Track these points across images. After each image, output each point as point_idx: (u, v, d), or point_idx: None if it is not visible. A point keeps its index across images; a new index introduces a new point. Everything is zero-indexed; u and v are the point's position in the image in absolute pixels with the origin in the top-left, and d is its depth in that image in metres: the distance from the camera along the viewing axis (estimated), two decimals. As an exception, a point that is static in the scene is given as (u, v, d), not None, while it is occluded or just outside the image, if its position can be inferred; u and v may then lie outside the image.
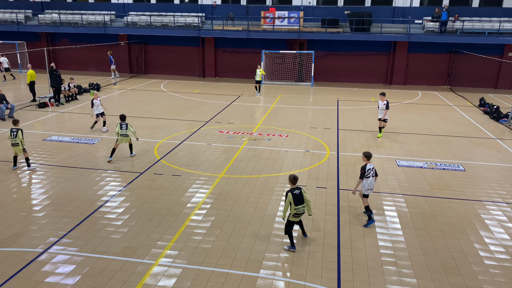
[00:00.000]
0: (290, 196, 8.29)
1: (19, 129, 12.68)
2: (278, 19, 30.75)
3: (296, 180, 8.46)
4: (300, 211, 8.40)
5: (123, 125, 13.73)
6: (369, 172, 9.66)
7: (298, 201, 8.32)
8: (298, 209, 8.35)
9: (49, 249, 8.51)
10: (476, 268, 8.20)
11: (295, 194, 8.31)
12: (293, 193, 8.31)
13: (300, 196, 8.36)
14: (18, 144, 12.58)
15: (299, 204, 8.34)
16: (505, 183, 12.56)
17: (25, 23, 34.52)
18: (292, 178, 8.44)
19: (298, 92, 27.82)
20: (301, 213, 8.46)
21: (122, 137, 13.71)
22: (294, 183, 8.45)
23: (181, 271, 7.87)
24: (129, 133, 13.77)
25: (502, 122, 20.17)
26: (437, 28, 29.47)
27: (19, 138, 12.53)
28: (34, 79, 22.76)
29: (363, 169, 9.68)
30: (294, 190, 8.35)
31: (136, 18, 33.28)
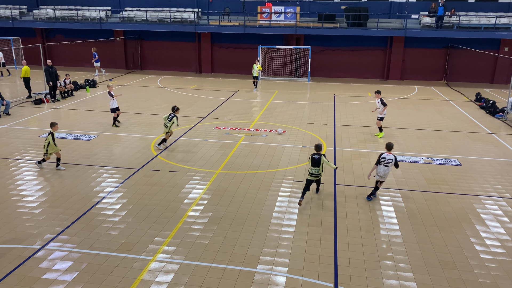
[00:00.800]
0: (310, 157, 10.39)
1: (50, 132, 12.36)
2: (275, 14, 30.67)
3: (318, 147, 10.33)
4: (314, 171, 10.30)
5: (170, 115, 14.39)
6: (384, 160, 10.43)
7: (314, 163, 10.25)
8: (313, 169, 10.29)
9: (46, 246, 8.50)
10: (472, 262, 8.25)
11: (314, 158, 10.26)
12: (313, 156, 10.31)
13: (318, 161, 10.21)
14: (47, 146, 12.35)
15: (314, 167, 10.26)
16: (501, 177, 12.62)
17: (20, 19, 34.27)
18: (315, 146, 10.41)
19: (295, 87, 27.81)
20: (315, 173, 10.32)
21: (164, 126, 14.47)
22: (317, 150, 10.33)
23: (178, 267, 7.88)
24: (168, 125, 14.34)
25: (498, 117, 20.24)
26: (434, 23, 29.48)
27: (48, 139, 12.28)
28: (28, 75, 22.63)
29: (379, 156, 10.57)
30: (314, 155, 10.30)
31: (132, 14, 33.11)
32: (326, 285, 7.45)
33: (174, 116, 14.41)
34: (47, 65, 21.70)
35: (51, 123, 12.56)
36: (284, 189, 11.41)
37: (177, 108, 14.68)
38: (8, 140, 15.27)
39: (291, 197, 10.94)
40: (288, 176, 12.37)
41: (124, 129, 17.00)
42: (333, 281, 7.58)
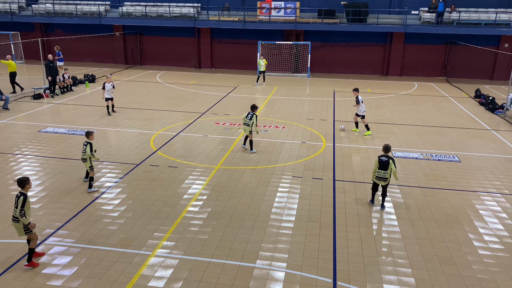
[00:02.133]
0: (377, 160, 9.89)
1: (89, 142, 10.67)
2: (274, 10, 30.58)
3: (387, 149, 9.90)
4: (381, 175, 9.83)
5: (249, 114, 13.68)
6: None
7: (382, 166, 9.79)
8: (380, 172, 9.84)
9: (46, 241, 8.52)
10: (471, 258, 8.28)
11: (381, 160, 9.80)
12: (380, 158, 9.84)
13: (385, 164, 9.74)
14: (86, 160, 10.72)
15: (382, 169, 9.79)
16: (500, 174, 12.64)
17: (19, 13, 34.15)
18: (384, 147, 9.93)
19: (295, 83, 27.78)
20: (381, 177, 9.85)
21: (244, 125, 13.70)
22: (386, 151, 9.88)
23: (177, 262, 7.90)
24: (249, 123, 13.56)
25: (497, 113, 20.24)
26: (434, 19, 29.41)
27: (87, 153, 10.61)
28: (14, 69, 22.40)
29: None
30: (382, 157, 9.84)
31: (131, 9, 32.99)
32: (325, 281, 7.48)
33: (254, 115, 13.60)
34: (48, 59, 21.63)
35: (87, 132, 10.83)
36: (283, 185, 11.42)
37: (256, 107, 13.95)
38: (7, 135, 15.25)
39: (290, 192, 10.95)
40: (288, 171, 12.38)
41: (124, 124, 16.98)
42: (332, 276, 7.61)
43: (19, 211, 7.35)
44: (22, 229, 7.52)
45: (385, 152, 9.91)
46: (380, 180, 9.94)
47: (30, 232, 7.57)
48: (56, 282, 7.26)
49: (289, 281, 7.42)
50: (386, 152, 9.90)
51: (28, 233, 7.57)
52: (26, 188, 7.56)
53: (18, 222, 7.48)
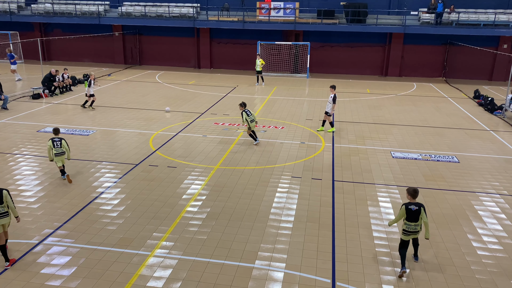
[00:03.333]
0: (404, 209, 7.50)
1: (61, 138, 11.28)
2: (274, 10, 30.59)
3: (416, 194, 7.58)
4: (412, 228, 7.52)
5: (248, 112, 14.30)
6: None
7: (411, 217, 7.47)
8: (409, 225, 7.50)
9: (44, 241, 8.51)
10: (469, 259, 8.29)
11: (410, 209, 7.46)
12: (408, 207, 7.47)
13: (416, 214, 7.46)
14: (64, 153, 11.19)
15: (412, 221, 7.49)
16: (499, 174, 12.66)
17: (18, 13, 34.11)
18: (412, 191, 7.58)
19: (294, 83, 27.78)
20: (412, 231, 7.54)
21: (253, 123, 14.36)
22: (415, 196, 7.59)
23: (176, 262, 7.90)
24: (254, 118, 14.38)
25: (496, 114, 20.27)
26: (433, 19, 29.45)
27: (64, 148, 11.18)
28: None
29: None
30: (410, 205, 7.51)
31: (131, 9, 32.98)
32: (324, 281, 7.48)
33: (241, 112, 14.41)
34: (50, 73, 21.79)
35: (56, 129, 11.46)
36: (282, 185, 11.42)
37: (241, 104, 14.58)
38: (6, 135, 15.23)
39: (289, 193, 10.95)
40: (287, 172, 12.38)
41: (123, 124, 16.97)
42: (330, 276, 7.61)
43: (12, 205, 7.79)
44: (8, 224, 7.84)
45: (414, 197, 7.61)
46: (410, 234, 7.64)
47: None
48: (55, 282, 7.25)
49: (288, 282, 7.42)
50: (414, 198, 7.62)
51: None
52: None
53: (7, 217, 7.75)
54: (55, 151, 11.05)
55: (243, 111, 14.34)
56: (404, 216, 7.55)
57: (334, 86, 16.49)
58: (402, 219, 7.65)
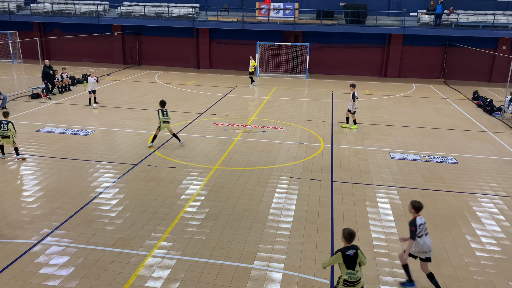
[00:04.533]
0: (340, 256, 6.19)
1: (9, 121, 12.54)
2: (273, 11, 30.60)
3: (352, 237, 6.26)
4: (354, 278, 6.18)
5: (164, 112, 14.04)
6: (421, 229, 7.09)
7: (351, 264, 6.19)
8: (351, 274, 6.18)
9: (43, 241, 8.50)
10: (468, 260, 8.30)
11: (348, 256, 6.19)
12: (345, 254, 6.19)
13: (354, 259, 6.21)
14: (9, 137, 12.48)
15: (352, 269, 6.19)
16: (497, 176, 12.67)
17: (17, 13, 34.08)
18: (347, 235, 6.26)
19: (293, 84, 27.80)
20: (355, 280, 6.19)
21: (165, 124, 14.06)
22: (350, 240, 6.27)
23: (175, 263, 7.89)
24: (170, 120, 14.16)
25: (495, 115, 20.30)
26: (432, 21, 29.49)
27: (10, 130, 12.45)
28: None
29: (413, 225, 7.09)
30: (347, 250, 6.23)
31: (130, 9, 32.97)
32: (323, 282, 7.48)
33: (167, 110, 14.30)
34: (45, 65, 21.66)
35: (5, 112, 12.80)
36: (281, 186, 11.42)
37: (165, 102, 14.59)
38: (4, 135, 15.21)
39: (288, 193, 10.95)
40: (286, 173, 12.38)
41: (122, 124, 16.96)
42: (329, 277, 7.61)
43: None
44: None
45: (349, 241, 6.28)
46: (355, 284, 6.23)
47: None
48: (53, 282, 7.24)
49: (286, 282, 7.42)
50: (350, 242, 6.28)
51: None
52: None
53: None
54: (1, 133, 12.47)
55: (159, 109, 14.11)
56: (342, 263, 6.20)
57: (354, 85, 16.99)
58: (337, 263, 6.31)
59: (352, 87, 16.93)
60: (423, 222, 7.11)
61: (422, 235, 7.06)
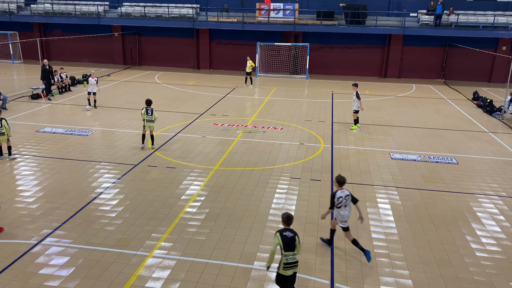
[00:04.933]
0: (279, 236, 6.45)
1: (2, 118, 12.57)
2: (273, 11, 30.61)
3: (290, 220, 6.61)
4: (292, 259, 6.44)
5: (148, 111, 13.68)
6: (341, 200, 7.97)
7: (289, 246, 6.43)
8: (288, 256, 6.41)
9: (43, 241, 8.50)
10: (468, 260, 8.29)
11: (286, 236, 6.44)
12: (282, 234, 6.46)
13: (292, 241, 6.46)
14: (4, 134, 12.48)
15: (289, 251, 6.43)
16: (497, 176, 12.67)
17: (18, 13, 34.09)
18: (285, 218, 6.60)
19: (293, 84, 27.80)
20: (293, 262, 6.45)
21: (148, 123, 13.72)
22: (288, 223, 6.63)
23: (175, 263, 7.89)
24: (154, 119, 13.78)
25: (495, 115, 20.29)
26: (432, 21, 29.49)
27: (5, 127, 12.47)
28: None
29: (332, 197, 8.05)
30: (285, 231, 6.51)
31: (130, 9, 32.97)
32: (323, 282, 7.48)
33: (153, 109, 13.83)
34: (44, 64, 21.64)
35: None
36: (281, 186, 11.42)
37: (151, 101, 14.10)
38: (5, 135, 15.21)
39: (288, 194, 10.95)
40: (286, 173, 12.38)
41: (122, 124, 16.96)
42: (329, 278, 7.61)
43: None
44: None
45: (287, 224, 6.63)
46: (292, 267, 6.50)
47: None
48: (53, 282, 7.24)
49: (286, 283, 7.40)
50: (288, 225, 6.64)
51: None
52: None
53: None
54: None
55: (143, 108, 13.73)
56: (280, 244, 6.42)
57: (356, 84, 17.04)
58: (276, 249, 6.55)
59: (355, 87, 16.97)
60: (343, 196, 7.98)
61: (341, 206, 8.00)
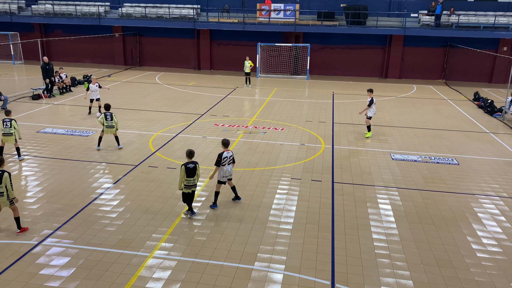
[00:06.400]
0: (183, 168, 9.17)
1: (12, 119, 12.59)
2: (274, 12, 30.62)
3: (192, 154, 9.34)
4: (190, 182, 9.28)
5: (107, 116, 13.54)
6: (225, 160, 9.86)
7: (190, 173, 9.22)
8: (188, 180, 9.26)
9: (44, 241, 8.50)
10: (469, 261, 8.28)
11: (189, 168, 9.20)
12: (186, 166, 9.19)
13: (193, 170, 9.26)
14: (12, 135, 12.47)
15: (190, 177, 9.25)
16: (498, 176, 12.66)
17: (18, 14, 34.14)
18: (188, 153, 9.33)
19: (294, 85, 27.80)
20: (191, 184, 9.31)
21: (108, 128, 13.64)
22: (190, 157, 9.32)
23: (176, 263, 7.89)
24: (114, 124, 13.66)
25: (496, 116, 20.28)
26: (433, 22, 29.48)
27: (15, 128, 12.50)
28: None
29: (219, 156, 9.85)
30: (188, 164, 9.23)
31: (131, 10, 33.01)
32: (323, 283, 7.47)
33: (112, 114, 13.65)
34: (44, 61, 21.60)
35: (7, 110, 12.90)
36: (282, 187, 11.42)
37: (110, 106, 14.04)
38: (5, 136, 15.22)
39: (288, 194, 10.95)
40: (286, 173, 12.37)
41: (122, 125, 16.96)
42: (330, 278, 7.60)
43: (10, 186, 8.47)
44: (7, 201, 8.53)
45: (190, 157, 9.35)
46: (190, 188, 9.41)
47: (13, 204, 8.64)
48: (54, 283, 7.24)
49: (287, 283, 7.41)
50: (190, 158, 9.35)
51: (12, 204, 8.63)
52: (3, 166, 8.69)
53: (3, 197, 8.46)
54: (4, 131, 12.42)
55: (103, 113, 13.62)
56: (184, 173, 9.16)
57: (371, 90, 16.05)
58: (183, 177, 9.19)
59: (370, 92, 15.93)
60: (228, 156, 9.87)
61: (225, 164, 9.84)
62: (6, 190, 8.43)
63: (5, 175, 8.42)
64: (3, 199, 8.47)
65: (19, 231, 8.77)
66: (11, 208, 8.69)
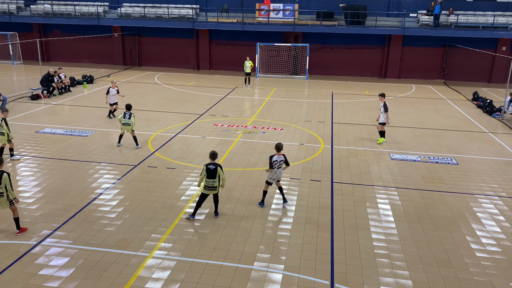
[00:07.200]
0: (205, 168, 9.25)
1: (3, 118, 12.51)
2: (273, 12, 30.62)
3: (214, 156, 9.33)
4: (210, 184, 9.29)
5: (126, 115, 14.08)
6: (275, 163, 9.95)
7: (211, 175, 9.25)
8: (208, 181, 9.29)
9: (43, 242, 8.49)
10: (468, 261, 8.29)
11: (209, 169, 9.23)
12: (208, 167, 9.24)
13: (214, 172, 9.23)
14: (3, 134, 12.44)
15: (210, 178, 9.26)
16: (497, 176, 12.67)
17: (17, 14, 34.11)
18: (211, 155, 9.34)
19: (293, 85, 27.80)
20: (210, 186, 9.31)
21: (124, 126, 14.06)
22: (213, 159, 9.33)
23: (175, 264, 7.88)
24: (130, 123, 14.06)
25: (495, 116, 20.30)
26: (432, 21, 29.51)
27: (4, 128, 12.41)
28: None
29: (270, 159, 10.02)
30: (209, 165, 9.26)
31: (130, 10, 32.98)
32: (323, 283, 7.47)
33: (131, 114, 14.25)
34: (49, 72, 21.71)
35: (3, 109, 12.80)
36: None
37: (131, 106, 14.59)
38: (4, 136, 15.20)
39: (288, 194, 10.94)
40: (285, 173, 12.36)
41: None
42: (329, 278, 7.60)
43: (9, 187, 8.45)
44: (6, 202, 8.52)
45: (212, 159, 9.33)
46: (210, 190, 9.42)
47: (13, 204, 8.64)
48: (53, 283, 7.24)
49: (286, 283, 7.41)
50: (213, 159, 9.33)
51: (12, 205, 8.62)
52: (2, 166, 8.67)
53: (2, 197, 8.45)
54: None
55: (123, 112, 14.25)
56: (205, 174, 9.24)
57: (383, 94, 15.24)
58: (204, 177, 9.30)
59: (382, 97, 15.11)
60: (278, 160, 9.93)
61: (275, 167, 9.96)
62: (6, 190, 8.44)
63: (4, 175, 8.40)
64: (3, 200, 8.45)
65: (18, 232, 8.76)
66: (11, 208, 8.68)
